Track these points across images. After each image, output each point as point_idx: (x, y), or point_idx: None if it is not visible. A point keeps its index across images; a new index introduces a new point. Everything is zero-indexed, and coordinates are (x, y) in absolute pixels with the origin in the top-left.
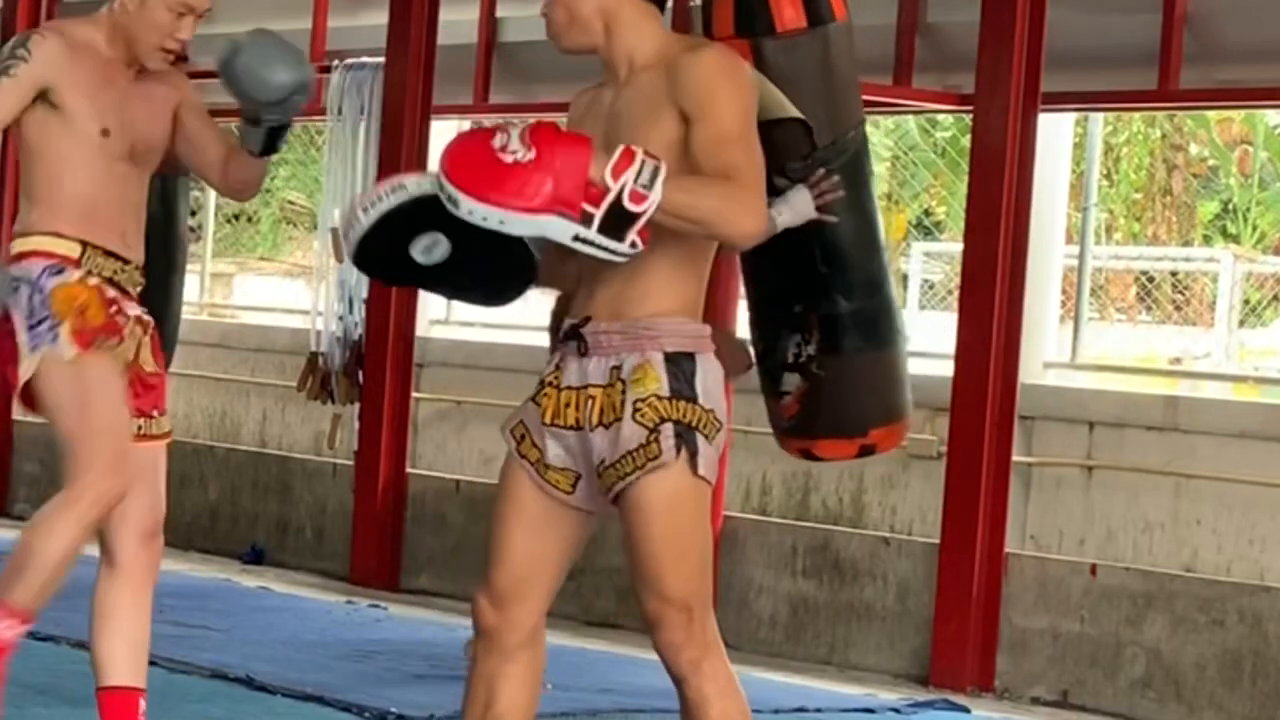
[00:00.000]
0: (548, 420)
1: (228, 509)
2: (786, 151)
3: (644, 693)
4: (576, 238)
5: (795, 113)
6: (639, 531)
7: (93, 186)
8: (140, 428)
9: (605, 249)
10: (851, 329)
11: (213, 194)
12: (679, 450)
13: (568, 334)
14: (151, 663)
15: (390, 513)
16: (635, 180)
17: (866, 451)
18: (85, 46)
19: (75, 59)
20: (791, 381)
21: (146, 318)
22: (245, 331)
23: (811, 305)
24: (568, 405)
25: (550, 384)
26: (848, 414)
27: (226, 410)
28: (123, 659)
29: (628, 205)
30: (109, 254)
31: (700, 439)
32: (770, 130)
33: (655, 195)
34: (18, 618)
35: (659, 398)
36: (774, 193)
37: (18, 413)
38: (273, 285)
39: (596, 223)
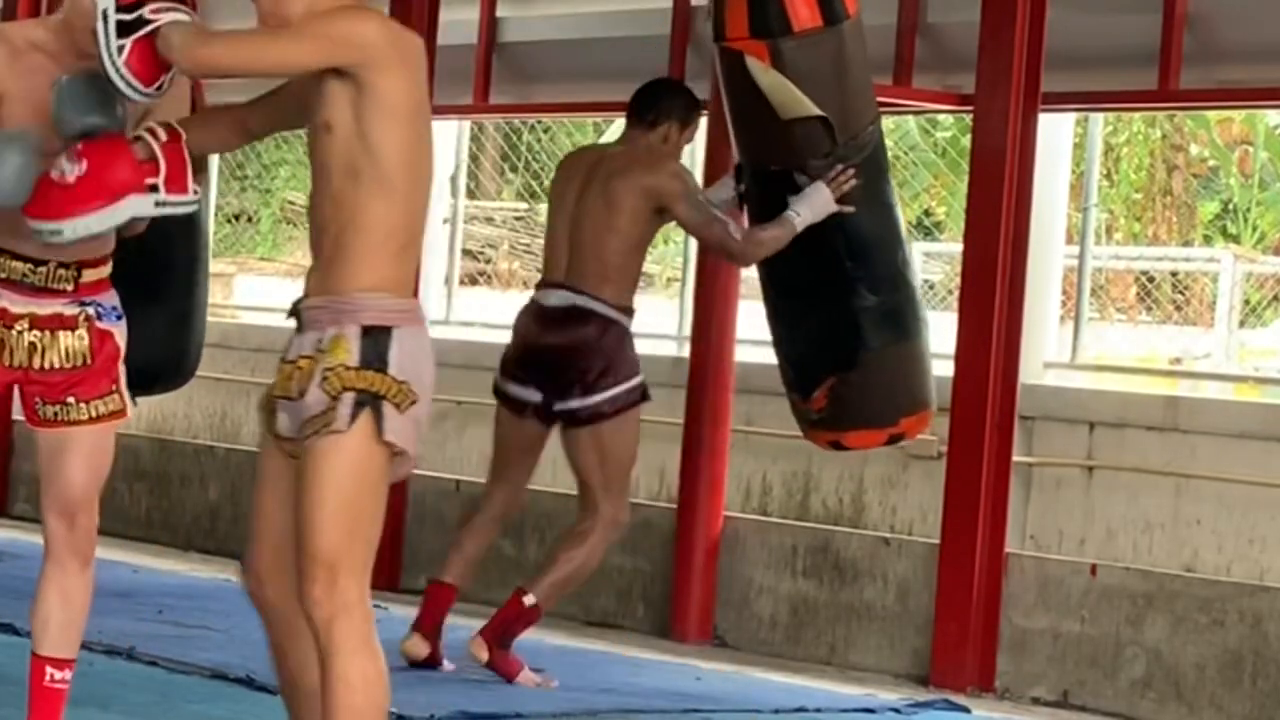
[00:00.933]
0: (276, 393)
1: (228, 509)
2: (808, 149)
3: (644, 693)
4: (158, 203)
5: (816, 111)
6: (301, 487)
7: None
8: (55, 414)
9: (181, 204)
10: (879, 322)
11: (213, 194)
12: (354, 418)
13: (291, 311)
14: (151, 663)
15: (390, 513)
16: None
17: (895, 439)
18: (30, 48)
19: (14, 61)
20: (821, 374)
21: (72, 311)
22: (245, 331)
23: (839, 300)
24: (288, 378)
25: (282, 359)
26: (878, 406)
27: (226, 410)
28: (38, 631)
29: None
30: (16, 256)
31: (389, 407)
32: (792, 128)
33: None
34: None
35: (346, 368)
36: (796, 191)
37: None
38: (273, 285)
39: (162, 189)
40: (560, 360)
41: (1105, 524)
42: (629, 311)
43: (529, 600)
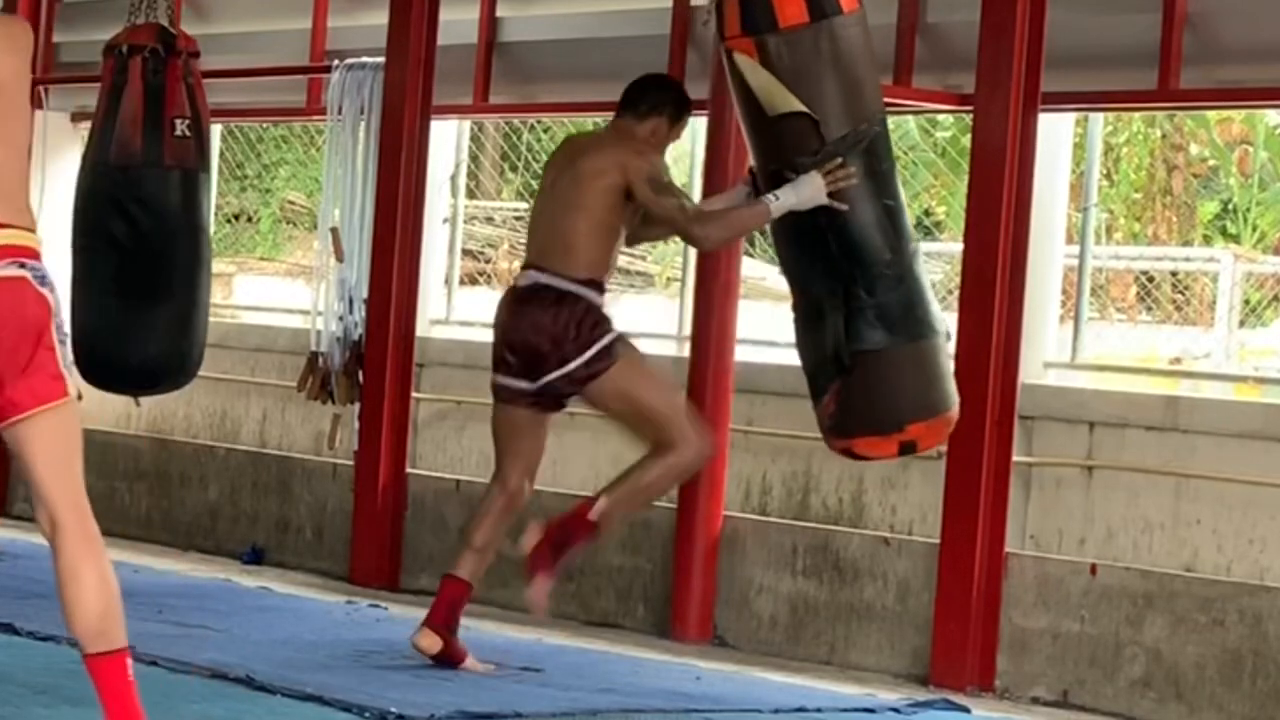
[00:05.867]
0: None
1: (228, 509)
2: (796, 146)
3: (644, 693)
4: None
5: (799, 106)
6: None
7: None
8: None
9: None
10: (875, 323)
11: (213, 194)
12: None
13: None
14: (151, 662)
15: (390, 513)
16: None
17: (907, 449)
18: None
19: None
20: (828, 379)
21: None
22: (245, 331)
23: (836, 300)
24: None
25: None
26: (881, 410)
27: (226, 410)
28: None
29: None
30: None
31: None
32: (779, 126)
33: None
34: None
35: None
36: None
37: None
38: (273, 285)
39: None
40: (532, 338)
41: (1105, 524)
42: (595, 285)
43: (597, 506)
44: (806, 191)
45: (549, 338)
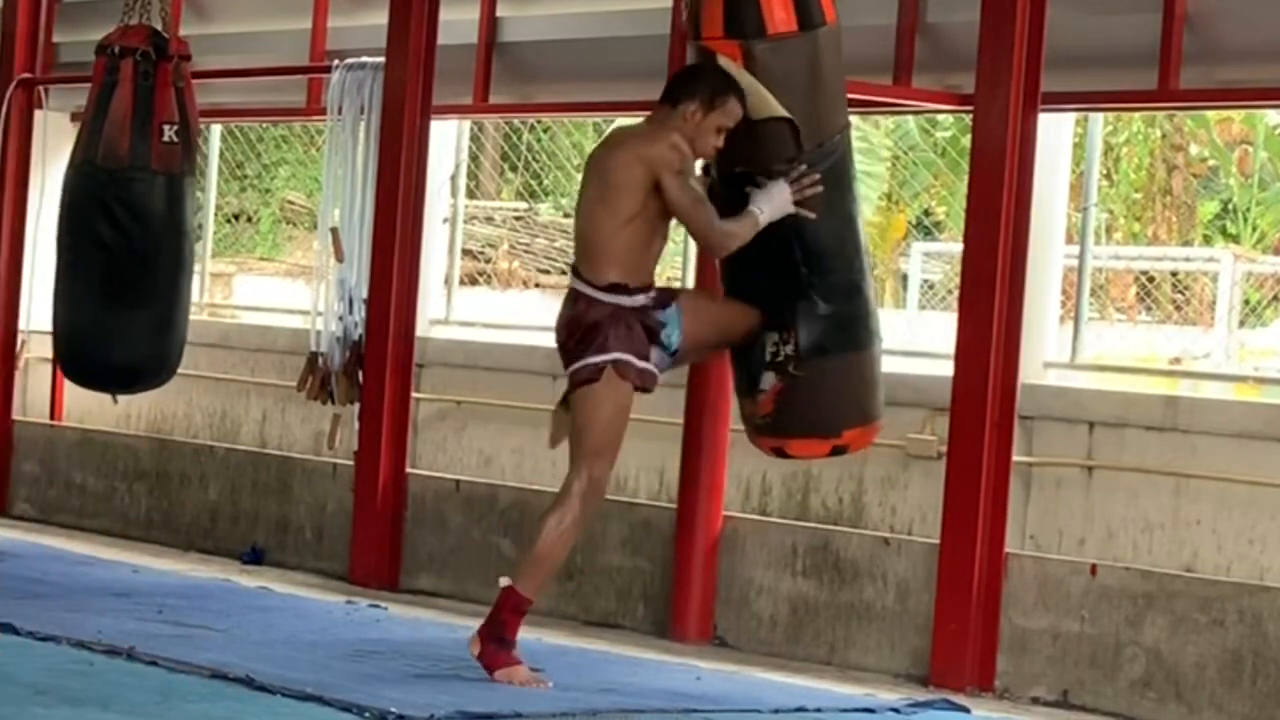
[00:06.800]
0: None
1: (228, 509)
2: (773, 152)
3: (644, 693)
4: None
5: (783, 112)
6: None
7: None
8: None
9: None
10: (830, 331)
11: (212, 193)
12: None
13: None
14: (151, 662)
15: (390, 513)
16: None
17: (838, 451)
18: None
19: None
20: (768, 380)
21: None
22: (245, 331)
23: (791, 306)
24: None
25: None
26: (823, 414)
27: (226, 410)
28: None
29: None
30: None
31: None
32: (758, 130)
33: None
34: None
35: None
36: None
37: (17, 413)
38: (273, 285)
39: None
40: (558, 337)
41: (1105, 524)
42: (619, 289)
43: (503, 581)
44: (777, 202)
45: (566, 336)
